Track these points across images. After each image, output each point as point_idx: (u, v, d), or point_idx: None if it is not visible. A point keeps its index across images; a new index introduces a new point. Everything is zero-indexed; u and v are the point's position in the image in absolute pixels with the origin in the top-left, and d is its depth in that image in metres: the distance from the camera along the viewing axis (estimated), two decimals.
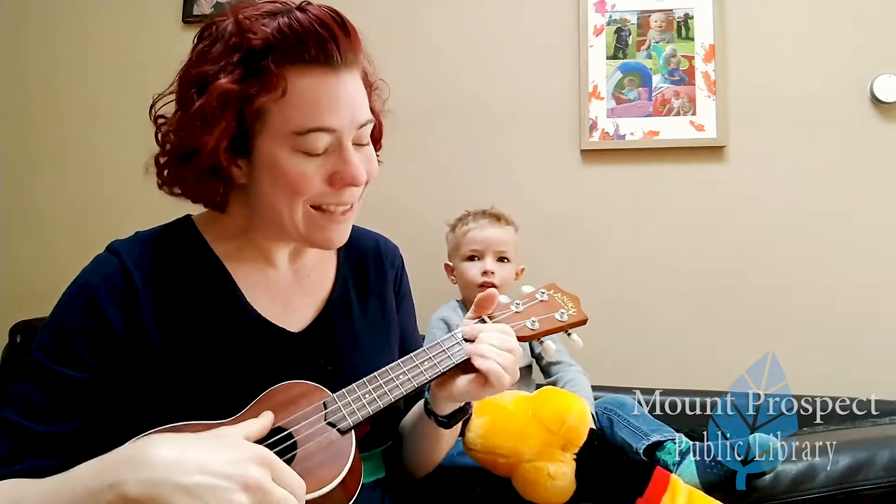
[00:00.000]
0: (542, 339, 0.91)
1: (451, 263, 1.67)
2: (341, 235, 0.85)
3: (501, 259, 1.58)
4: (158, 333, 0.80)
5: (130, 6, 2.06)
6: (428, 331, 1.59)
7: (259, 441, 0.72)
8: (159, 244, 0.86)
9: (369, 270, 0.97)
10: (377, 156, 0.87)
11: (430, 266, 1.77)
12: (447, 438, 0.95)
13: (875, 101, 1.77)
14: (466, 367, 0.81)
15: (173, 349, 0.80)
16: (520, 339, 0.85)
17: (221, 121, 0.75)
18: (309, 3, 0.79)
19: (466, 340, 0.83)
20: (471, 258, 1.59)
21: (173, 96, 0.81)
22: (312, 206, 0.81)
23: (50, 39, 2.09)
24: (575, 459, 1.11)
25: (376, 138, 0.91)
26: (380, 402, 0.79)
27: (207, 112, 0.75)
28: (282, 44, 0.75)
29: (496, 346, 0.80)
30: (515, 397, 1.16)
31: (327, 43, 0.75)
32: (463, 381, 0.81)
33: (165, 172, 0.83)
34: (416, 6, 1.98)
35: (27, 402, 0.77)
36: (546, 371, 1.58)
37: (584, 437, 1.12)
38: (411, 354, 0.84)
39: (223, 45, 0.76)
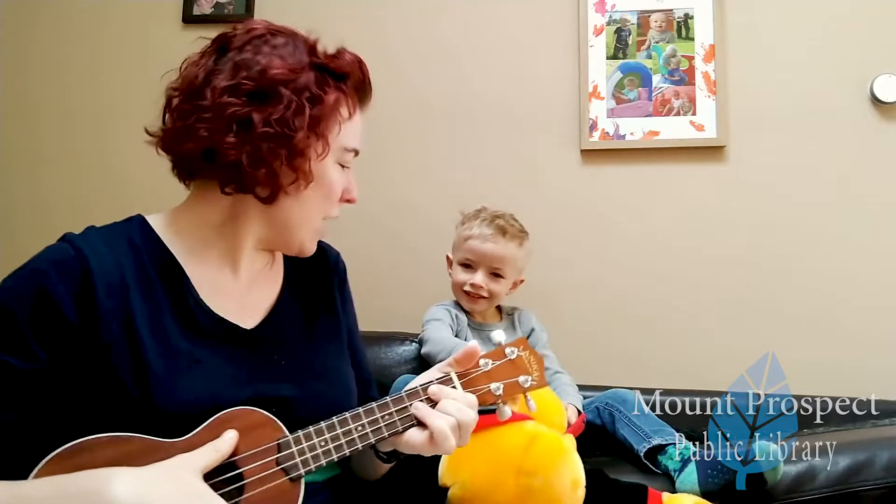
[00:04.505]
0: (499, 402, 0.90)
1: (451, 257, 1.64)
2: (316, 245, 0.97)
3: (495, 274, 1.56)
4: (110, 326, 0.77)
5: (130, 7, 2.06)
6: (427, 322, 1.56)
7: (210, 474, 0.72)
8: (114, 238, 0.84)
9: (314, 273, 1.01)
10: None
11: (428, 264, 1.77)
12: (385, 466, 0.96)
13: (875, 101, 1.77)
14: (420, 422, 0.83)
15: (123, 344, 0.77)
16: (481, 402, 0.86)
17: (327, 128, 0.87)
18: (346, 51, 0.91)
19: (431, 400, 0.84)
20: (465, 265, 1.57)
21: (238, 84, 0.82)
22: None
23: (51, 41, 2.09)
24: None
25: None
26: (334, 454, 0.79)
27: (319, 119, 0.85)
28: (359, 79, 0.91)
29: (454, 416, 0.81)
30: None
31: (370, 92, 0.94)
32: (410, 433, 0.83)
33: (251, 148, 0.82)
34: (417, 7, 1.98)
35: None
36: None
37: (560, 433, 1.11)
38: (373, 405, 0.83)
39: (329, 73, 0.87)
